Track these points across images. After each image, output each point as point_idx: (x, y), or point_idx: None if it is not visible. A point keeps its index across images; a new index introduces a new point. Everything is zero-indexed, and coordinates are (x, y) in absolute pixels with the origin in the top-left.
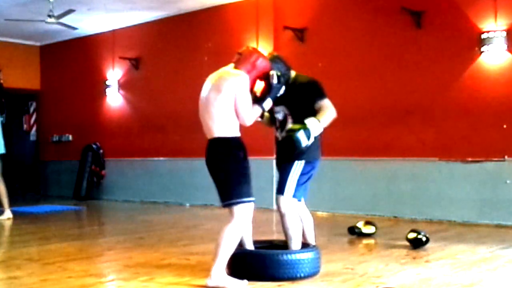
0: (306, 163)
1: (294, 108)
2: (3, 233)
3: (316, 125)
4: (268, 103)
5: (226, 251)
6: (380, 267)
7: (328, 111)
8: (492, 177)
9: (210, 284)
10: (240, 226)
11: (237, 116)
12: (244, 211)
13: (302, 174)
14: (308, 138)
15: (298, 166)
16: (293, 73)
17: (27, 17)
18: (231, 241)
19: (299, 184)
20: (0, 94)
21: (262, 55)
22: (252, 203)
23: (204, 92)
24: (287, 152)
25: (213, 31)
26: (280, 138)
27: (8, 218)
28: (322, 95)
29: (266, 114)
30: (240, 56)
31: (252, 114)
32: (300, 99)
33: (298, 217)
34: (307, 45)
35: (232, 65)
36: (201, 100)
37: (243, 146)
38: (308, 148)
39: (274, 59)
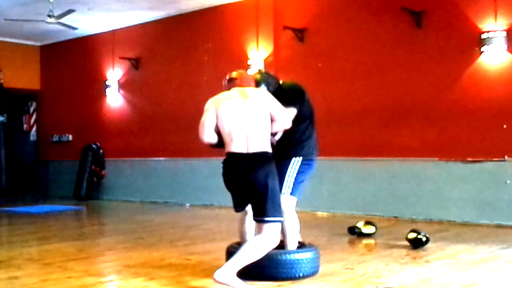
0: (303, 161)
1: None
2: (3, 233)
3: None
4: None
5: (247, 258)
6: (380, 267)
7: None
8: (492, 177)
9: (217, 278)
10: (271, 243)
11: (276, 122)
12: (275, 229)
13: (299, 172)
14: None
15: (295, 163)
16: (280, 82)
17: (27, 17)
18: (256, 253)
19: (297, 182)
20: (0, 94)
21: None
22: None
23: (235, 107)
24: (283, 147)
25: (213, 31)
26: (274, 143)
27: None
28: (288, 104)
29: None
30: (236, 80)
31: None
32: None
33: (295, 216)
34: (307, 45)
35: (236, 88)
36: (233, 114)
37: None
38: (305, 146)
39: (266, 77)
